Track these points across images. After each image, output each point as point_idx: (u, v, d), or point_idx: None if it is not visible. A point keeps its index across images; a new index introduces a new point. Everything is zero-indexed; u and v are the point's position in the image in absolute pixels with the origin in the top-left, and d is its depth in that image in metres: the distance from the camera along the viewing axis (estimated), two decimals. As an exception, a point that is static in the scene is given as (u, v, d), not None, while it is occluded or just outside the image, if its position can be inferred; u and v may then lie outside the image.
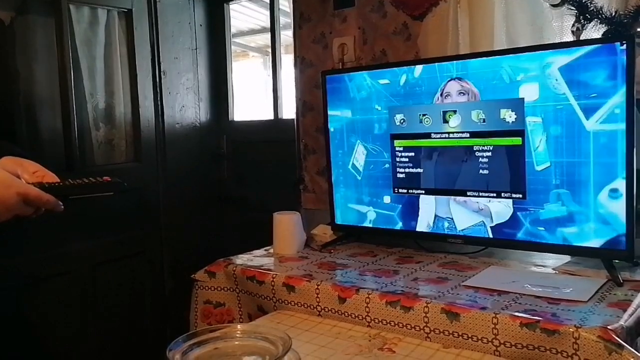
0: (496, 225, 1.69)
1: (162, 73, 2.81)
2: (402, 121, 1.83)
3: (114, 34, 2.65)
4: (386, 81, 1.85)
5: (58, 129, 2.46)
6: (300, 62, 2.37)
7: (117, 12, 2.64)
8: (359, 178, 1.97)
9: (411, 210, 1.86)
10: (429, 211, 1.82)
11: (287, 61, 2.72)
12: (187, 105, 2.95)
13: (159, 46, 2.79)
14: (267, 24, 2.98)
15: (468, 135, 1.69)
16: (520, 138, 1.59)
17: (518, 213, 1.64)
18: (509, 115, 1.60)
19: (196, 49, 2.99)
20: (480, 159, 1.68)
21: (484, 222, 1.71)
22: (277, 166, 2.79)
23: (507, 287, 1.44)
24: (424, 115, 1.77)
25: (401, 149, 1.84)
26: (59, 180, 1.04)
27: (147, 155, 2.73)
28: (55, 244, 2.30)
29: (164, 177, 2.83)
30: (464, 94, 1.67)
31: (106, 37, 2.62)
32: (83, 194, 1.01)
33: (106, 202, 1.36)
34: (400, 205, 1.88)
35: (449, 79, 1.70)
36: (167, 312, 2.80)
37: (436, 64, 1.74)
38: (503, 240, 1.68)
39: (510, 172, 1.63)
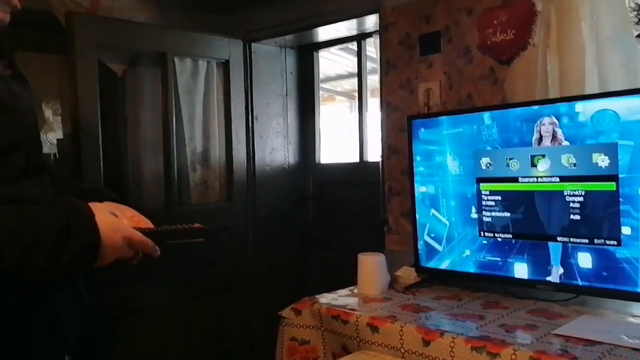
0: (589, 272, 1.61)
1: (254, 118, 2.98)
2: (488, 165, 1.82)
3: (212, 82, 2.86)
4: (472, 125, 1.86)
5: (159, 170, 2.67)
6: (386, 106, 2.43)
7: (215, 63, 2.86)
8: (444, 221, 1.96)
9: (497, 254, 1.82)
10: (517, 256, 1.77)
11: (373, 105, 2.80)
12: (276, 148, 3.10)
13: (252, 93, 2.98)
14: (354, 70, 3.09)
15: (558, 179, 1.65)
16: (614, 183, 1.53)
17: (613, 260, 1.56)
18: (601, 160, 1.55)
19: (286, 94, 3.15)
20: (571, 204, 1.63)
21: (575, 269, 1.64)
22: (361, 208, 2.83)
23: (601, 337, 1.37)
24: (511, 159, 1.76)
25: (487, 192, 1.83)
26: (153, 226, 1.07)
27: (238, 196, 2.88)
28: (150, 278, 2.45)
29: (253, 216, 2.96)
30: (555, 138, 1.64)
31: (205, 85, 2.84)
32: (177, 239, 1.04)
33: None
34: (486, 250, 1.85)
35: (540, 120, 1.67)
36: (254, 347, 2.87)
37: (525, 107, 1.73)
38: (596, 288, 1.60)
39: (604, 218, 1.56)
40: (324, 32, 2.89)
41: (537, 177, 1.70)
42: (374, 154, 2.83)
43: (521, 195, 1.74)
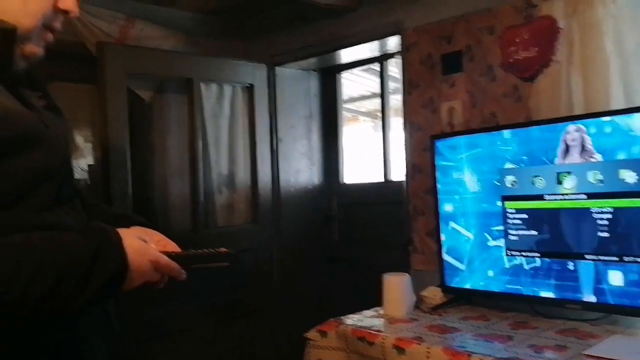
0: (619, 290, 1.57)
1: (279, 140, 3.02)
2: (513, 183, 1.80)
3: (238, 106, 2.91)
4: (496, 143, 1.85)
5: (186, 194, 2.72)
6: (409, 126, 2.43)
7: (240, 87, 2.92)
8: (469, 240, 1.94)
9: (525, 274, 1.79)
10: (545, 275, 1.74)
11: (397, 124, 2.81)
12: (301, 170, 3.12)
13: (276, 115, 3.02)
14: (377, 90, 3.11)
15: (585, 197, 1.63)
16: (645, 199, 1.50)
17: (647, 279, 1.52)
18: (629, 176, 1.53)
19: (310, 116, 3.19)
20: (599, 221, 1.60)
21: (605, 287, 1.60)
22: (386, 227, 2.83)
23: (633, 357, 1.33)
24: (536, 176, 1.74)
25: (513, 210, 1.81)
26: (179, 250, 1.09)
27: (263, 217, 2.90)
28: (177, 301, 2.48)
29: (279, 237, 2.97)
30: (584, 149, 1.61)
31: (230, 109, 2.89)
32: (203, 263, 1.05)
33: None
34: (514, 268, 1.83)
35: (569, 134, 1.65)
36: (281, 368, 2.86)
37: (550, 125, 1.72)
38: (628, 307, 1.56)
39: (633, 235, 1.53)
40: (347, 54, 2.93)
41: (563, 195, 1.68)
42: (398, 174, 2.83)
43: (548, 213, 1.72)
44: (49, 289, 0.80)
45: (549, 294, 1.74)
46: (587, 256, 1.64)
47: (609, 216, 1.58)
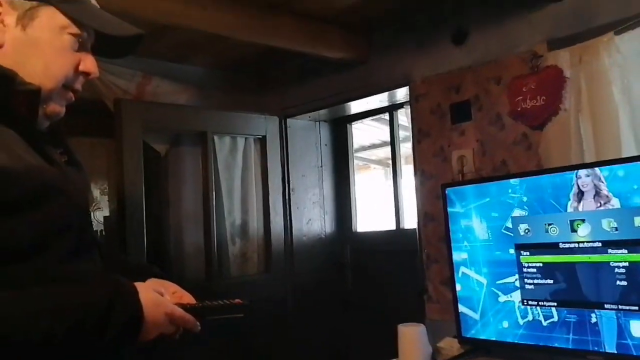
0: (644, 342, 1.53)
1: (291, 190, 3.05)
2: (526, 231, 1.79)
3: (250, 157, 2.96)
4: (507, 191, 1.85)
5: (200, 244, 2.73)
6: (420, 174, 2.45)
7: (253, 139, 2.97)
8: (484, 289, 1.91)
9: (542, 324, 1.75)
10: (563, 325, 1.70)
11: (408, 171, 2.83)
12: (313, 219, 3.13)
13: (288, 165, 3.05)
14: (388, 138, 3.15)
15: (600, 244, 1.61)
16: (662, 247, 1.48)
17: (670, 330, 1.48)
18: (645, 223, 1.51)
19: (321, 166, 3.22)
20: (617, 269, 1.57)
21: (628, 337, 1.56)
22: (400, 276, 2.80)
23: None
24: (549, 224, 1.73)
25: (527, 259, 1.79)
26: (195, 301, 1.10)
27: (276, 267, 2.90)
28: (192, 350, 2.45)
29: (292, 287, 2.95)
30: (598, 193, 1.60)
31: (243, 161, 2.94)
32: (218, 315, 1.06)
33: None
34: (531, 318, 1.79)
35: (580, 193, 1.65)
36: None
37: (562, 173, 1.72)
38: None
39: (654, 284, 1.50)
40: (357, 105, 2.98)
41: (578, 243, 1.66)
42: (411, 221, 2.82)
43: (564, 262, 1.70)
44: (65, 337, 0.82)
45: (569, 345, 1.69)
46: (606, 305, 1.60)
47: (626, 264, 1.55)
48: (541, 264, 1.75)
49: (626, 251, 1.56)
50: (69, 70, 0.97)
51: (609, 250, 1.59)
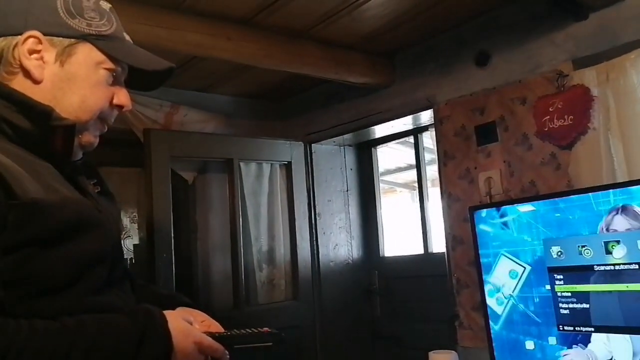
0: (690, 369, 1.46)
1: (317, 215, 3.04)
2: (559, 253, 1.75)
3: (276, 183, 2.98)
4: (538, 212, 1.81)
5: (227, 271, 2.73)
6: (447, 197, 2.42)
7: (278, 165, 2.99)
8: (519, 314, 1.86)
9: (581, 349, 1.69)
10: (604, 351, 1.64)
11: (434, 194, 2.80)
12: (340, 244, 3.11)
13: (314, 191, 3.06)
14: (413, 162, 3.13)
15: (637, 266, 1.56)
16: (703, 268, 1.42)
17: None
18: (683, 244, 1.46)
19: (347, 190, 3.21)
20: (657, 293, 1.52)
21: (673, 366, 1.50)
22: (430, 301, 2.75)
23: None
24: (583, 246, 1.68)
25: (562, 282, 1.74)
26: (223, 330, 1.09)
27: (304, 293, 2.88)
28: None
29: (320, 314, 2.92)
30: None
31: (269, 186, 2.95)
32: (246, 344, 1.05)
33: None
34: (569, 344, 1.73)
35: (614, 213, 1.61)
36: None
37: (594, 193, 1.68)
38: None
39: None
40: (381, 129, 2.98)
41: (614, 265, 1.61)
42: (439, 245, 2.78)
43: (600, 284, 1.64)
44: None
45: (609, 372, 1.63)
46: (646, 330, 1.54)
47: (666, 287, 1.50)
48: (575, 287, 1.70)
49: (665, 273, 1.50)
50: (104, 104, 1.00)
51: (647, 273, 1.53)
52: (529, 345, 1.83)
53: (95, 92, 0.98)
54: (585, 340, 1.69)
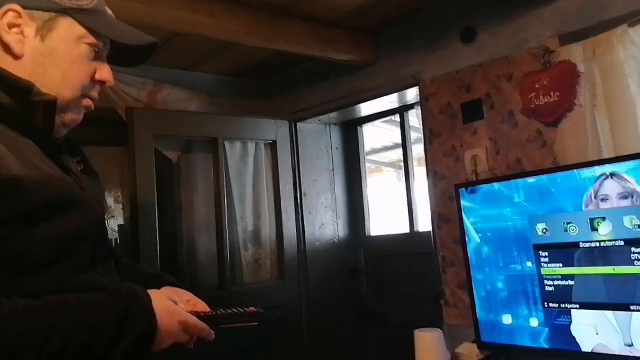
0: (671, 343, 1.48)
1: (302, 194, 3.02)
2: (544, 230, 1.75)
3: (261, 162, 2.95)
4: (523, 190, 1.81)
5: (212, 250, 2.72)
6: (433, 175, 2.41)
7: (263, 144, 2.96)
8: (503, 291, 1.87)
9: (566, 327, 1.71)
10: (587, 327, 1.66)
11: (420, 173, 2.79)
12: (325, 223, 3.10)
13: (299, 170, 3.03)
14: (399, 140, 3.12)
15: (622, 243, 1.56)
16: (686, 244, 1.43)
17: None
18: (668, 220, 1.46)
19: (333, 169, 3.19)
20: (640, 269, 1.52)
21: (654, 341, 1.51)
22: (415, 279, 2.76)
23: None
24: (568, 223, 1.68)
25: (547, 259, 1.74)
26: (209, 309, 1.09)
27: (289, 273, 2.87)
28: (206, 358, 2.43)
29: (306, 293, 2.92)
30: (626, 197, 1.55)
31: (254, 166, 2.93)
32: (232, 323, 1.05)
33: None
34: (553, 321, 1.74)
35: (603, 178, 1.60)
36: None
37: (580, 169, 1.67)
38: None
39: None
40: (366, 107, 2.96)
41: (599, 242, 1.61)
42: (425, 224, 2.78)
43: (585, 261, 1.65)
44: (80, 350, 0.82)
45: (593, 348, 1.64)
46: (632, 307, 1.55)
47: (649, 263, 1.51)
48: (561, 265, 1.71)
49: (649, 249, 1.51)
50: (85, 79, 0.98)
51: (632, 249, 1.54)
52: (514, 322, 1.84)
53: (76, 68, 0.96)
54: (568, 318, 1.70)
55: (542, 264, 1.75)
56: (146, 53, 1.06)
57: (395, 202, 3.32)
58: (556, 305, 1.73)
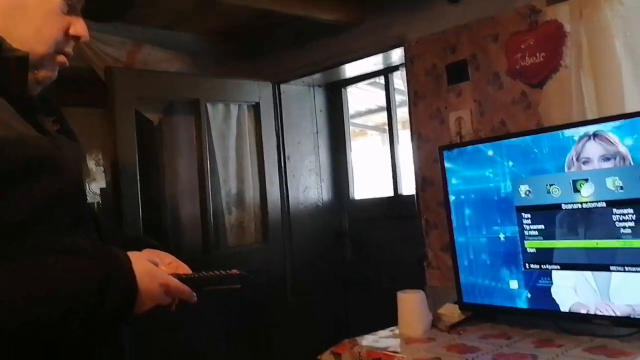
0: (649, 303, 1.50)
1: (286, 158, 3.00)
2: (527, 192, 1.75)
3: (244, 125, 2.90)
4: (507, 152, 1.80)
5: (196, 214, 2.70)
6: (417, 138, 2.40)
7: (246, 106, 2.91)
8: (485, 253, 1.89)
9: (546, 288, 1.73)
10: (567, 288, 1.68)
11: (405, 137, 2.77)
12: (309, 187, 3.09)
13: (283, 133, 3.00)
14: (384, 103, 3.08)
15: (605, 204, 1.57)
16: (667, 205, 1.44)
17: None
18: (650, 181, 1.47)
19: (317, 132, 3.16)
20: (622, 230, 1.54)
21: (635, 300, 1.53)
22: (399, 243, 2.77)
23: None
24: (551, 185, 1.69)
25: (529, 221, 1.75)
26: (191, 272, 1.08)
27: (273, 236, 2.87)
28: (190, 323, 2.44)
29: (290, 257, 2.93)
30: (608, 159, 1.55)
31: (237, 128, 2.88)
32: (214, 285, 1.04)
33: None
34: (533, 282, 1.76)
35: (585, 140, 1.60)
36: (296, 391, 2.80)
37: (563, 131, 1.67)
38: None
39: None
40: (351, 69, 2.91)
41: (581, 203, 1.62)
42: (409, 187, 2.78)
43: (567, 223, 1.66)
44: (60, 313, 0.81)
45: (573, 309, 1.67)
46: (612, 267, 1.57)
47: (632, 224, 1.52)
48: (543, 227, 1.72)
49: (632, 210, 1.52)
50: (59, 34, 0.95)
51: (614, 210, 1.55)
52: (495, 283, 1.86)
53: (49, 22, 0.93)
54: (548, 279, 1.72)
55: (524, 226, 1.76)
56: (122, 6, 1.03)
57: (379, 166, 3.31)
58: (537, 266, 1.74)
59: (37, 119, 0.96)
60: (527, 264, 1.77)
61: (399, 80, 2.91)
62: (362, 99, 3.71)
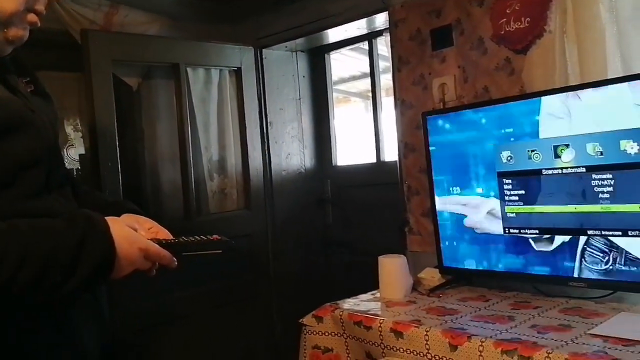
0: (625, 265, 1.54)
1: (269, 124, 2.96)
2: (509, 158, 1.76)
3: (226, 90, 2.85)
4: (489, 118, 1.80)
5: (177, 180, 2.67)
6: (401, 104, 2.38)
7: (228, 71, 2.85)
8: (466, 219, 1.90)
9: (525, 252, 1.76)
10: (546, 252, 1.71)
11: (388, 104, 2.75)
12: (292, 153, 3.07)
13: (265, 99, 2.96)
14: (367, 70, 3.05)
15: (584, 170, 1.58)
16: (645, 170, 1.46)
17: (649, 253, 1.48)
18: (630, 147, 1.48)
19: (300, 99, 3.12)
20: (601, 195, 1.55)
21: (610, 263, 1.57)
22: (381, 209, 2.79)
23: (641, 336, 1.30)
24: (532, 150, 1.69)
25: (510, 187, 1.77)
26: (172, 237, 1.07)
27: (256, 203, 2.86)
28: (173, 289, 2.45)
29: (272, 223, 2.93)
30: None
31: (219, 94, 2.83)
32: (195, 251, 1.03)
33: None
34: (513, 246, 1.79)
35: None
36: (279, 354, 2.84)
37: (546, 97, 1.67)
38: (635, 283, 1.52)
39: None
40: (334, 34, 2.86)
41: (561, 169, 1.63)
42: (391, 154, 2.78)
43: (547, 188, 1.68)
44: (34, 276, 0.80)
45: (551, 272, 1.70)
46: (589, 232, 1.60)
47: (611, 190, 1.54)
48: (523, 192, 1.73)
49: (610, 176, 1.53)
50: None
51: (593, 176, 1.56)
52: (475, 249, 1.88)
53: None
54: (527, 243, 1.74)
55: (505, 191, 1.78)
56: None
57: (362, 133, 3.29)
58: (517, 231, 1.77)
59: (9, 80, 0.93)
60: (506, 229, 1.79)
61: (383, 46, 2.87)
62: (345, 65, 3.67)
